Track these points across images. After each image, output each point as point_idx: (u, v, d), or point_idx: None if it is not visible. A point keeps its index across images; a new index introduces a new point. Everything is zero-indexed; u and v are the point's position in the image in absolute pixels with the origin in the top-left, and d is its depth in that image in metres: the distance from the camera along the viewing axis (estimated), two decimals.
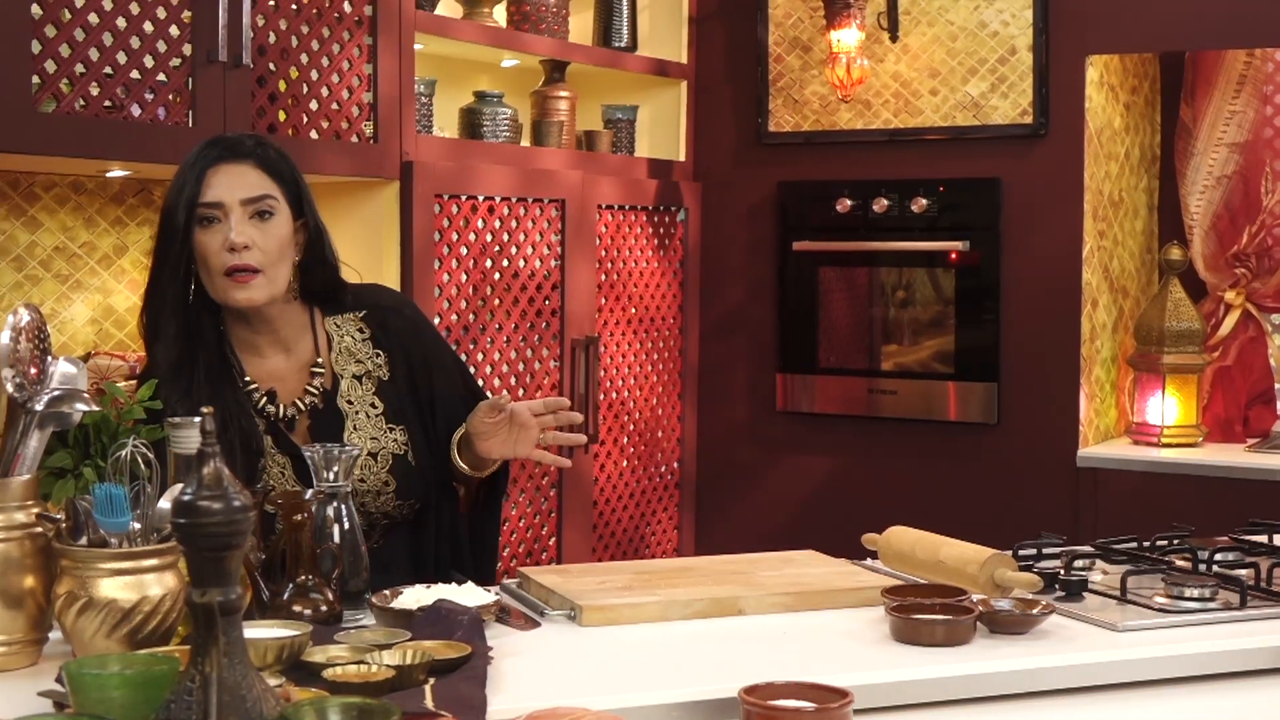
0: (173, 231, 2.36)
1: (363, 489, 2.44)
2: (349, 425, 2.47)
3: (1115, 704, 1.93)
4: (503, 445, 2.46)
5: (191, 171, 2.36)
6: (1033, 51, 4.23)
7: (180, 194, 2.35)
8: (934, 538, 2.41)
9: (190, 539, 1.35)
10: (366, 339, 2.54)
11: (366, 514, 2.43)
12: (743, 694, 1.69)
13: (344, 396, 2.49)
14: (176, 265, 2.37)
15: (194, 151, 2.40)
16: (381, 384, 2.51)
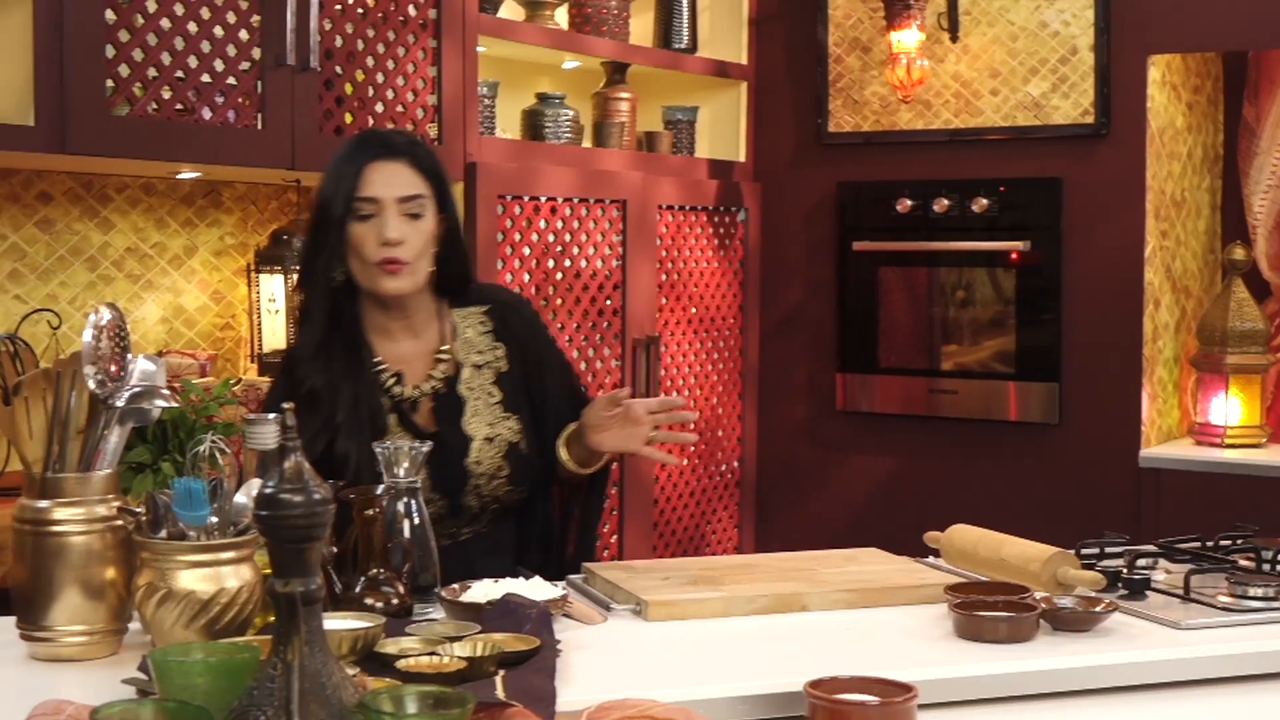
0: (329, 221, 2.48)
1: (478, 470, 2.54)
2: (469, 410, 2.57)
3: (1178, 702, 1.94)
4: (614, 439, 2.55)
5: (350, 166, 2.48)
6: (1094, 51, 4.22)
7: (339, 186, 2.47)
8: (996, 536, 2.42)
9: (272, 531, 1.39)
10: (488, 332, 2.65)
11: (480, 497, 2.55)
12: (808, 687, 1.71)
13: (465, 383, 2.59)
14: (332, 252, 2.49)
15: (349, 146, 2.53)
16: (500, 374, 2.62)
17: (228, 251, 3.76)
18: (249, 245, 3.76)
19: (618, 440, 2.54)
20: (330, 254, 2.49)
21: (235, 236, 3.77)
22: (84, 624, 1.95)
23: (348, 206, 2.46)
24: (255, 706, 1.37)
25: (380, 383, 2.54)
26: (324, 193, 2.49)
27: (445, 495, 2.51)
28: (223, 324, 3.75)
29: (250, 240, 3.78)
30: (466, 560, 2.50)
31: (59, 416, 1.97)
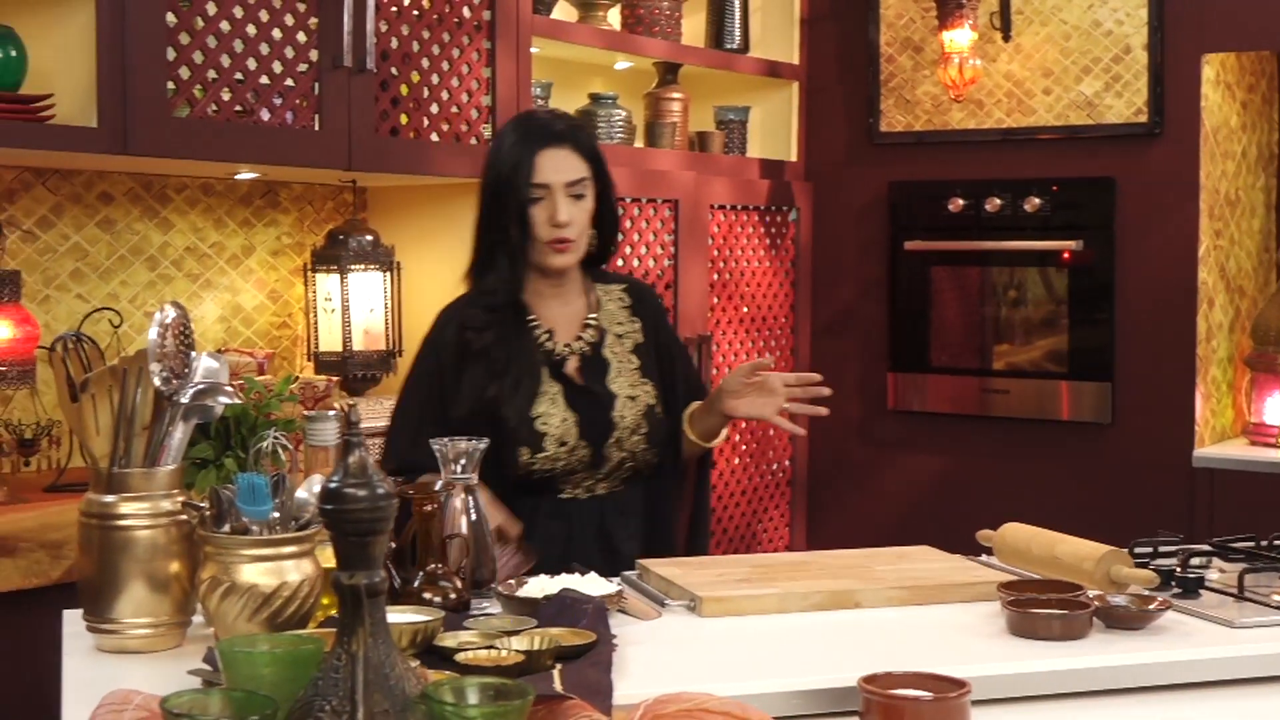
0: (504, 202, 2.69)
1: (622, 424, 2.72)
2: (612, 371, 2.77)
3: (1231, 700, 1.94)
4: (749, 405, 2.72)
5: (523, 151, 2.68)
6: (1147, 50, 4.21)
7: (515, 171, 2.67)
8: (1049, 534, 2.43)
9: (337, 524, 1.41)
10: (626, 307, 2.85)
11: (621, 450, 2.72)
12: (862, 683, 1.72)
13: (609, 348, 2.79)
14: (505, 226, 2.69)
15: (516, 132, 2.72)
16: (637, 345, 2.82)
17: (284, 251, 3.80)
18: (305, 245, 3.81)
19: (753, 407, 2.72)
20: (504, 227, 2.69)
21: (292, 236, 3.81)
22: (149, 616, 1.98)
23: (524, 190, 2.66)
24: (320, 696, 1.39)
25: (535, 338, 2.73)
26: (500, 174, 2.69)
27: (591, 444, 2.69)
28: (279, 323, 3.80)
29: (306, 240, 3.82)
30: (601, 515, 2.72)
31: (125, 413, 2.01)
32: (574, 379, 2.72)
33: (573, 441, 2.66)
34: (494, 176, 2.71)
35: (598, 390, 2.74)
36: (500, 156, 2.71)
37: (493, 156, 2.74)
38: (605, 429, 2.71)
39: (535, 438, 2.64)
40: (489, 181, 2.73)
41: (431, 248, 3.89)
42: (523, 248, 2.69)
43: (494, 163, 2.72)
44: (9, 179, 3.23)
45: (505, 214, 2.69)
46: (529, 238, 2.69)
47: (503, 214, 2.69)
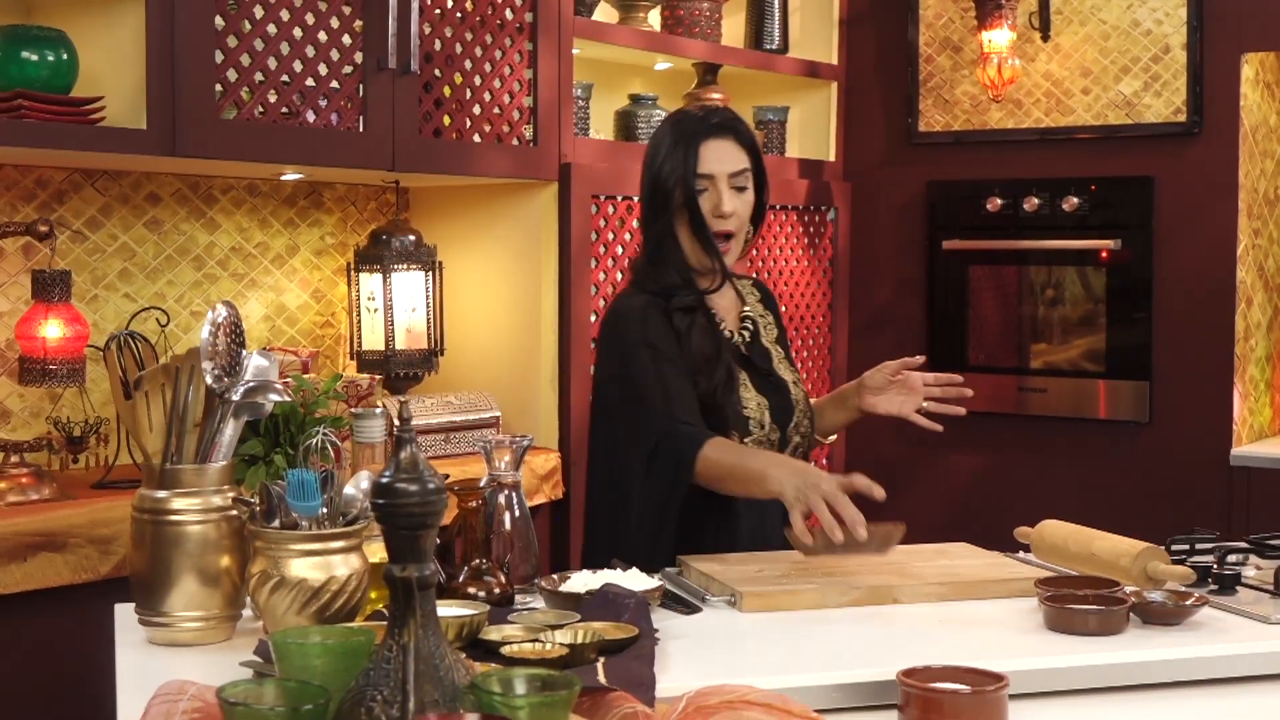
0: (667, 192, 2.71)
1: (798, 408, 2.79)
2: (774, 358, 2.84)
3: (1268, 695, 1.95)
4: (889, 402, 2.79)
5: (691, 143, 2.71)
6: (1186, 49, 4.22)
7: (683, 163, 2.70)
8: (1087, 531, 2.45)
9: (389, 518, 1.45)
10: (759, 300, 2.94)
11: (799, 434, 2.78)
12: (901, 676, 1.75)
13: (764, 337, 2.86)
14: (671, 216, 2.72)
15: (674, 124, 2.76)
16: (776, 336, 2.91)
17: (328, 251, 3.85)
18: (348, 245, 3.85)
19: (893, 404, 2.78)
20: (670, 218, 2.71)
21: (335, 236, 3.86)
22: (200, 610, 2.03)
23: (690, 181, 2.69)
24: (372, 686, 1.43)
25: (719, 326, 2.77)
26: (664, 166, 2.72)
27: (779, 426, 2.74)
28: (323, 322, 3.84)
29: (350, 240, 3.87)
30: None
31: (177, 410, 2.05)
32: (755, 363, 2.77)
33: (767, 425, 2.72)
34: (657, 170, 2.73)
35: (772, 376, 2.80)
36: (662, 150, 2.73)
37: (653, 151, 2.76)
38: (788, 412, 2.77)
39: (742, 422, 2.68)
40: (652, 175, 2.74)
41: (473, 247, 3.93)
42: (701, 235, 2.70)
43: (656, 156, 2.75)
44: (59, 180, 3.28)
45: (670, 206, 2.71)
46: (703, 224, 2.70)
47: (667, 207, 2.71)
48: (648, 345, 2.65)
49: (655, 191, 2.73)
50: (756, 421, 2.70)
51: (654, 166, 2.74)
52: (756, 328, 2.85)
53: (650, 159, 2.76)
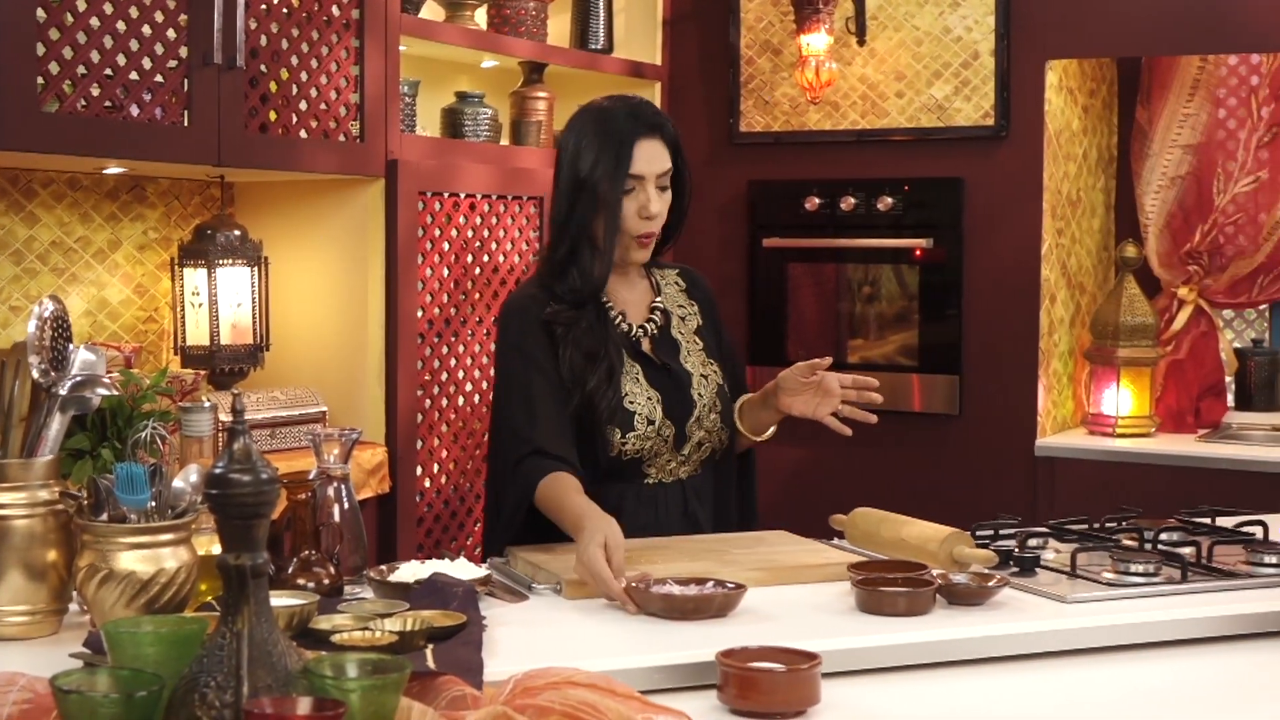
0: (593, 189, 2.69)
1: (700, 402, 2.79)
2: (683, 351, 2.85)
3: (1065, 670, 2.07)
4: (804, 404, 2.79)
5: (621, 140, 2.69)
6: (994, 56, 4.38)
7: (614, 161, 2.68)
8: (897, 518, 2.56)
9: (222, 508, 1.48)
10: (683, 290, 2.94)
11: (700, 429, 2.79)
12: (720, 657, 1.84)
13: (675, 329, 2.87)
14: (591, 218, 2.71)
15: (610, 118, 2.72)
16: (698, 327, 2.90)
17: (151, 246, 3.82)
18: (172, 240, 3.82)
19: (807, 406, 2.79)
20: (588, 222, 2.71)
21: (159, 231, 3.83)
22: (26, 604, 2.02)
23: (620, 180, 2.68)
24: (206, 673, 1.46)
25: (613, 321, 2.79)
26: (587, 161, 2.70)
27: (674, 422, 2.75)
28: (145, 317, 3.81)
29: (174, 235, 3.84)
30: (684, 499, 2.79)
31: (2, 405, 2.05)
32: (652, 357, 2.78)
33: (659, 420, 2.72)
34: (584, 168, 2.69)
35: (674, 368, 2.80)
36: (587, 147, 2.70)
37: (575, 147, 2.72)
38: (687, 406, 2.77)
39: (626, 417, 2.68)
40: (575, 172, 2.71)
41: (300, 243, 3.94)
42: (611, 240, 2.69)
43: (580, 152, 2.71)
44: None
45: (594, 205, 2.69)
46: (617, 230, 2.69)
47: (591, 205, 2.69)
48: (520, 350, 2.71)
49: (581, 190, 2.70)
50: (644, 417, 2.71)
51: (578, 163, 2.70)
52: (668, 319, 2.85)
53: (573, 155, 2.72)
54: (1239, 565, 2.43)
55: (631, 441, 2.69)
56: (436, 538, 3.94)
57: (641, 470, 2.74)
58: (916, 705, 1.91)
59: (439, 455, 3.98)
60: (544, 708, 1.52)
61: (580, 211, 2.71)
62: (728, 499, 2.90)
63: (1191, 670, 2.09)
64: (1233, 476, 4.09)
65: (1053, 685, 2.01)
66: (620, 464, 2.71)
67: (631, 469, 2.73)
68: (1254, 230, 4.58)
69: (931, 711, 1.90)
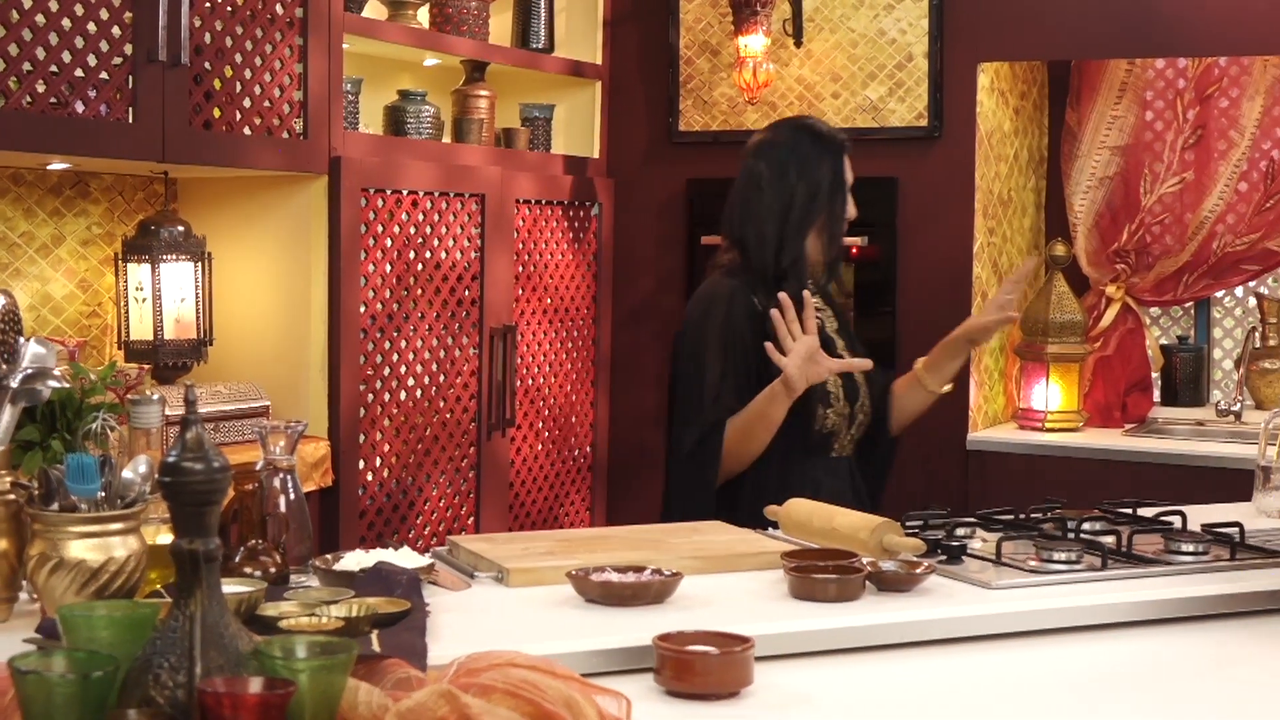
0: (820, 196, 3.18)
1: (863, 389, 3.22)
2: (840, 346, 3.25)
3: (989, 654, 2.13)
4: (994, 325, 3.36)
5: (836, 157, 3.21)
6: (928, 58, 4.46)
7: (834, 173, 3.19)
8: (829, 508, 2.63)
9: (176, 495, 1.53)
10: (819, 295, 3.26)
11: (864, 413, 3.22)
12: (656, 640, 1.90)
13: (828, 328, 3.24)
14: (813, 219, 3.17)
15: (820, 138, 3.22)
16: (836, 328, 3.30)
17: (95, 241, 3.84)
18: (115, 235, 3.85)
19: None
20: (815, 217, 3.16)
21: (102, 226, 3.85)
22: None
23: (841, 192, 3.19)
24: (159, 654, 1.50)
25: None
26: (820, 173, 3.17)
27: (849, 404, 3.18)
28: (89, 312, 3.84)
29: (117, 230, 3.87)
30: (851, 474, 3.21)
31: None
32: (835, 347, 3.20)
33: (842, 400, 3.15)
34: (810, 178, 3.15)
35: (843, 357, 3.18)
36: (808, 161, 3.17)
37: (799, 160, 3.17)
38: (855, 390, 3.20)
39: (827, 396, 3.11)
40: (801, 182, 3.15)
41: (243, 239, 3.97)
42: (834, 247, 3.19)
43: (806, 164, 3.16)
44: None
45: (815, 211, 3.14)
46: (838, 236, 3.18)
47: (810, 211, 3.15)
48: (720, 344, 3.09)
49: (812, 198, 3.15)
50: (836, 395, 3.14)
51: (804, 174, 3.15)
52: (822, 320, 3.19)
53: (797, 166, 3.16)
54: (1157, 553, 2.52)
55: (830, 417, 3.13)
56: (379, 531, 3.98)
57: (830, 445, 3.16)
58: (846, 687, 1.98)
59: (381, 449, 4.03)
60: (486, 686, 1.58)
61: (807, 216, 3.15)
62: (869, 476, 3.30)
63: (1110, 653, 2.16)
64: (1157, 469, 4.19)
65: (977, 668, 2.08)
66: (820, 438, 3.12)
67: (824, 444, 3.15)
68: (1179, 230, 4.70)
69: (860, 693, 1.96)
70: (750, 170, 3.22)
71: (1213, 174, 4.66)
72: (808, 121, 3.30)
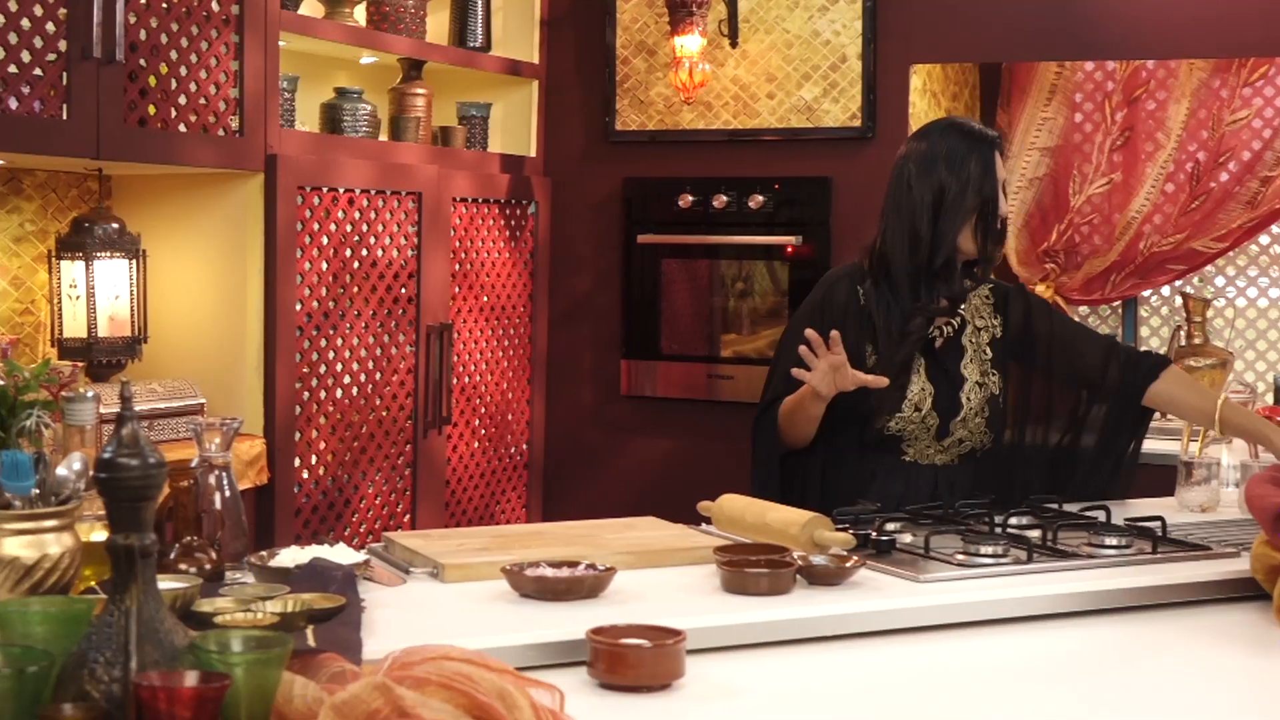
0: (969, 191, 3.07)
1: (968, 406, 3.12)
2: (967, 357, 3.16)
3: (917, 645, 2.18)
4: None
5: (985, 154, 3.10)
6: (862, 59, 4.51)
7: (985, 167, 3.09)
8: (762, 503, 2.67)
9: (112, 491, 1.54)
10: (991, 304, 3.23)
11: (964, 428, 3.12)
12: (590, 634, 1.93)
13: (967, 337, 3.17)
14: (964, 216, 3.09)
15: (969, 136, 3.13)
16: (994, 339, 3.20)
17: (28, 238, 3.82)
18: (49, 232, 3.83)
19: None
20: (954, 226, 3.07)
21: (35, 223, 3.83)
22: None
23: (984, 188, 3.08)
24: (95, 649, 1.51)
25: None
26: (972, 170, 3.07)
27: (940, 416, 3.10)
28: (22, 309, 3.82)
29: (50, 227, 3.85)
30: (934, 483, 3.12)
31: None
32: (940, 358, 3.12)
33: (925, 410, 3.07)
34: (953, 175, 3.07)
35: (952, 370, 3.12)
36: (956, 159, 3.08)
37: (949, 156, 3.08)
38: (954, 406, 3.11)
39: (895, 401, 3.06)
40: (943, 177, 3.07)
41: (179, 236, 3.96)
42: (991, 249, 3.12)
43: (949, 160, 3.08)
44: None
45: (961, 210, 3.06)
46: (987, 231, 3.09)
47: (959, 209, 3.06)
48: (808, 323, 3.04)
49: (962, 193, 3.06)
50: (912, 404, 3.07)
51: (953, 169, 3.07)
52: (964, 326, 3.16)
53: (945, 162, 3.08)
54: (1082, 547, 2.57)
55: (895, 420, 3.06)
56: (314, 528, 3.98)
57: (900, 448, 3.11)
58: (777, 679, 2.01)
59: (317, 447, 4.03)
60: (421, 679, 1.59)
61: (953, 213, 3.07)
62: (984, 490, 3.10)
63: (1036, 645, 2.21)
64: None
65: (905, 660, 2.12)
66: (882, 437, 3.08)
67: (891, 444, 3.10)
68: (1108, 230, 4.77)
69: (791, 685, 2.00)
70: (899, 170, 3.18)
71: (1140, 175, 4.73)
72: (956, 120, 3.27)
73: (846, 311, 3.14)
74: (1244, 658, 2.17)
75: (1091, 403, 3.23)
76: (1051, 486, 3.12)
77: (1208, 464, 3.10)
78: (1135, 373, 3.19)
